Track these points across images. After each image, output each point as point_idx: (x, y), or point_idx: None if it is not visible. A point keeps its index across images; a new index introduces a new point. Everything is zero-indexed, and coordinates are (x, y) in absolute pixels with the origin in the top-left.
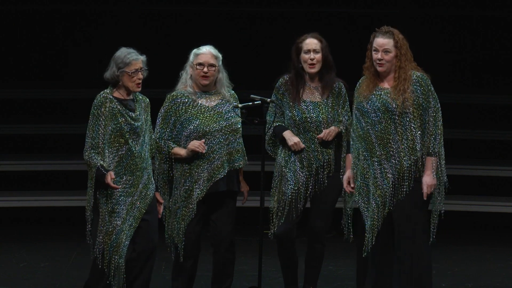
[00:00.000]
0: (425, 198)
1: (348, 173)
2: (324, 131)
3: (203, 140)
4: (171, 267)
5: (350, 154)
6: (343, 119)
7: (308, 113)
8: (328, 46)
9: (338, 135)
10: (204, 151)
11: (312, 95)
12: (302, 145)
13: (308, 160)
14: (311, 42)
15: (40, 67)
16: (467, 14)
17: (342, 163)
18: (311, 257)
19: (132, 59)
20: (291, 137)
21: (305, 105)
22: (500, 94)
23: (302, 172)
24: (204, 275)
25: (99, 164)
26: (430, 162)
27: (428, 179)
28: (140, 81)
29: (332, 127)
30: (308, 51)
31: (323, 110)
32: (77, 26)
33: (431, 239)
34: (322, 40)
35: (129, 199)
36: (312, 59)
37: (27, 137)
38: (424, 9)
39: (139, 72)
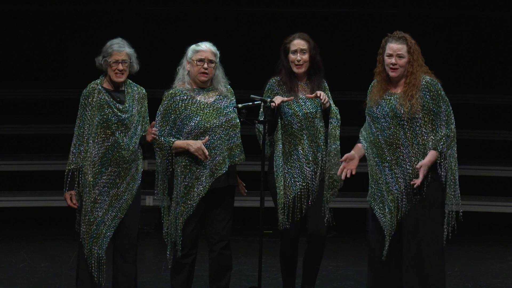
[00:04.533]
0: (417, 167)
1: (352, 153)
2: (320, 92)
3: (207, 137)
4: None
5: (360, 144)
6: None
7: (307, 109)
8: (316, 46)
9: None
10: (206, 161)
11: (304, 92)
12: (278, 101)
13: (313, 153)
14: (298, 43)
15: (40, 67)
16: (467, 14)
17: (326, 156)
18: (311, 259)
19: (114, 49)
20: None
21: (302, 101)
22: (500, 94)
23: (309, 167)
24: (204, 275)
25: (72, 167)
26: (432, 154)
27: (424, 162)
28: (120, 72)
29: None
30: (295, 52)
31: (318, 105)
32: (77, 26)
33: (444, 240)
34: (309, 41)
35: (114, 190)
36: (298, 60)
37: (27, 137)
38: (424, 9)
39: (120, 63)
